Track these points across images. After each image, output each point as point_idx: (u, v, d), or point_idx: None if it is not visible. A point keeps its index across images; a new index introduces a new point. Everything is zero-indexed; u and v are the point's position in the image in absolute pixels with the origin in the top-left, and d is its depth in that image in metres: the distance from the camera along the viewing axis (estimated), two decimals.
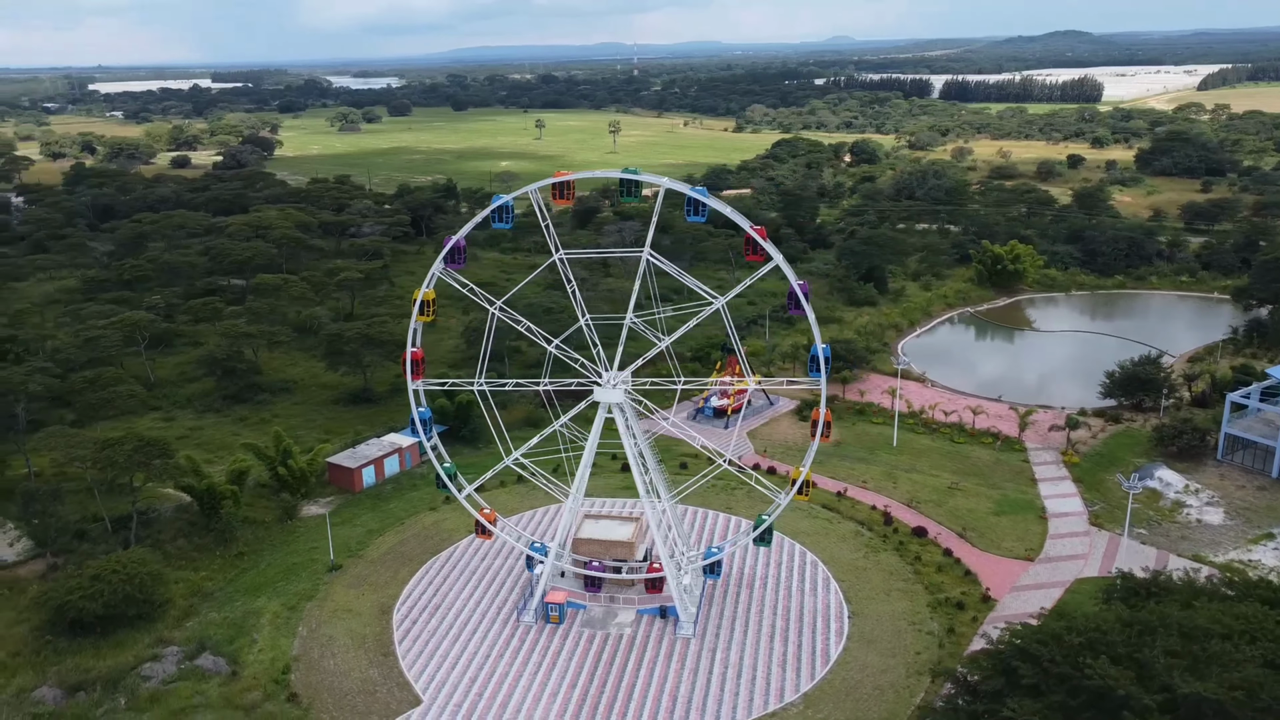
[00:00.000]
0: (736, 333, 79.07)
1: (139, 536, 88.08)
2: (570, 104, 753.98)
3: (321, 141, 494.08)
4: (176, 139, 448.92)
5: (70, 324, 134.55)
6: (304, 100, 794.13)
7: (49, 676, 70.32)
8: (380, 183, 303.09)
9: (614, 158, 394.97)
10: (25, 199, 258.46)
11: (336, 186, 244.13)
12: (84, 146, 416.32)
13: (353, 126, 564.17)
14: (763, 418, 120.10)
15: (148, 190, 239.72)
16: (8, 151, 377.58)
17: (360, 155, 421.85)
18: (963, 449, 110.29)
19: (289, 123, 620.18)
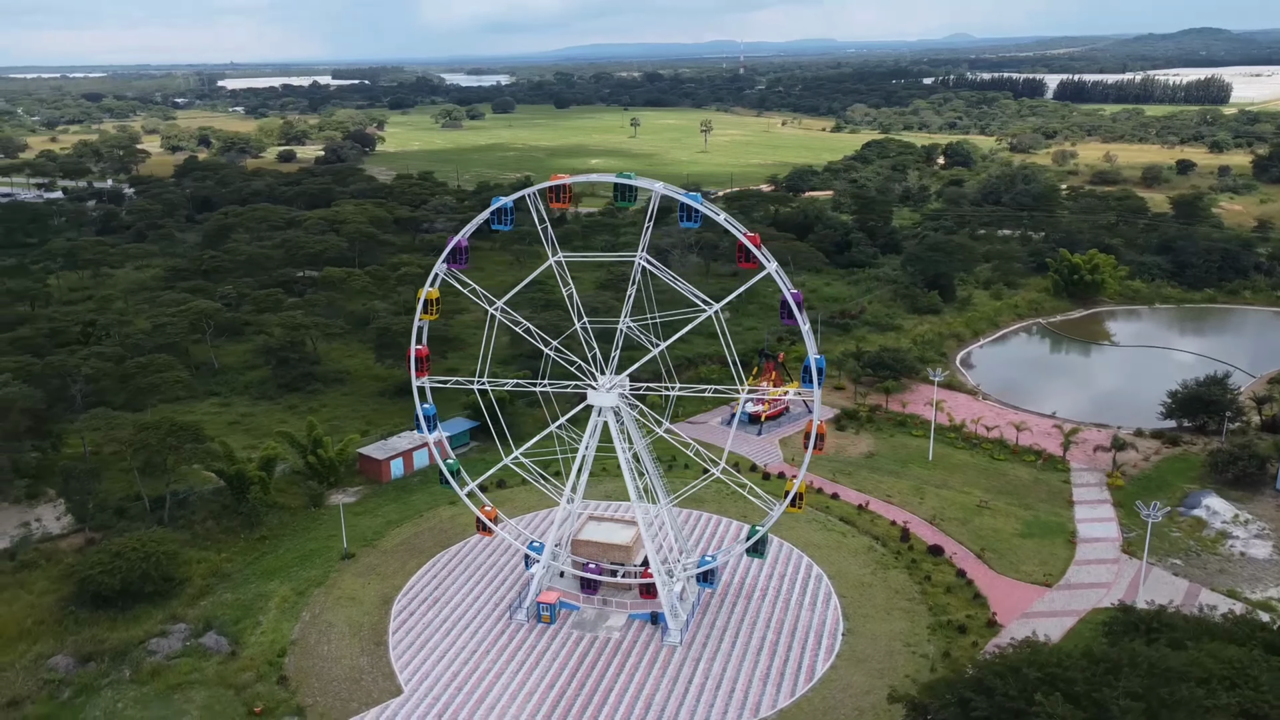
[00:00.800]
0: (731, 339, 77.76)
1: (172, 516, 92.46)
2: (672, 102, 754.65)
3: (423, 138, 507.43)
4: (287, 134, 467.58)
5: (146, 310, 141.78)
6: (414, 97, 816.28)
7: (66, 646, 74.47)
8: (467, 179, 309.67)
9: (703, 157, 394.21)
10: (136, 190, 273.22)
11: (419, 183, 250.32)
12: (200, 140, 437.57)
13: (455, 123, 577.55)
14: (799, 425, 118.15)
15: (244, 184, 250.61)
16: (130, 145, 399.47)
17: (456, 151, 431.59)
18: (1001, 466, 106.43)
19: (396, 119, 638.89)
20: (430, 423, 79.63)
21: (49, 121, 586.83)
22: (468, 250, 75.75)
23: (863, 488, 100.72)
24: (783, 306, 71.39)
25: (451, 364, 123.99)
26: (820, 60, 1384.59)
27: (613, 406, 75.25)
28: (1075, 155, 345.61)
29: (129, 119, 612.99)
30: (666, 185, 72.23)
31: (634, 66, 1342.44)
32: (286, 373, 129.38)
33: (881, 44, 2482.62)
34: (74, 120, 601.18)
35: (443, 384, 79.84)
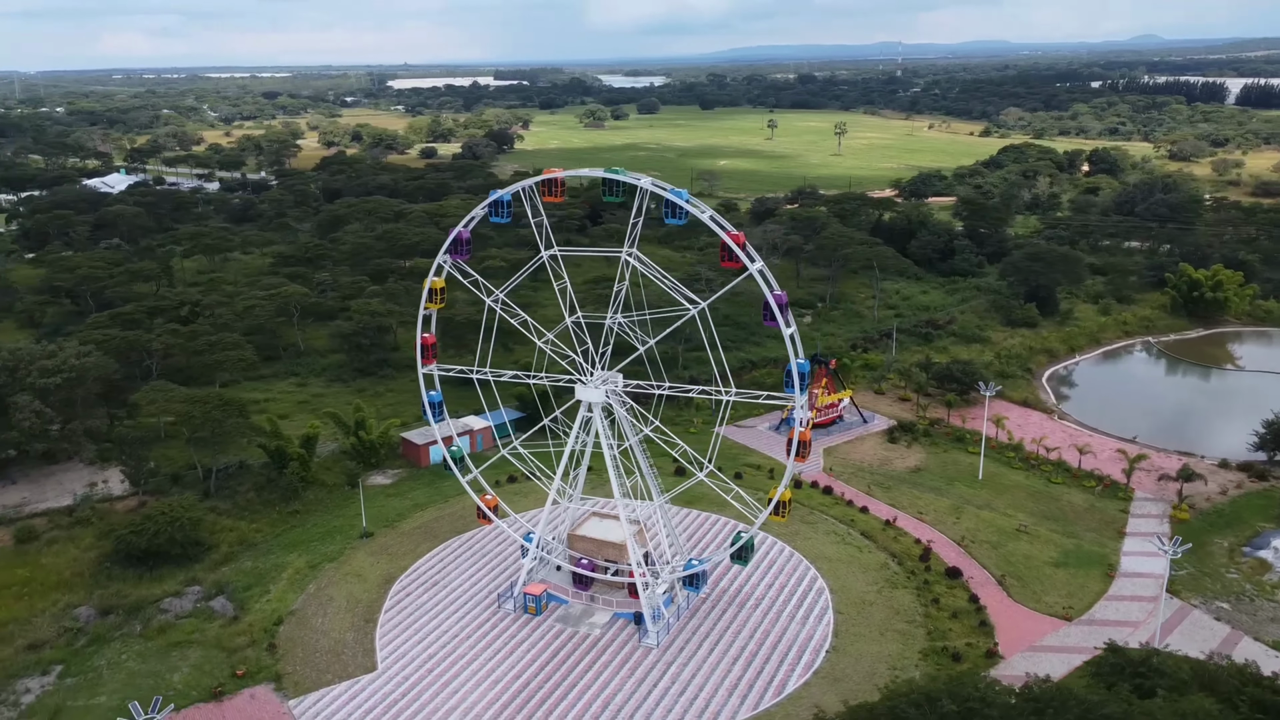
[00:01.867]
0: (719, 340, 76.04)
1: (219, 487, 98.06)
2: (820, 104, 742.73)
3: (563, 137, 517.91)
4: (434, 131, 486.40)
5: (245, 294, 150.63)
6: (565, 97, 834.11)
7: (92, 598, 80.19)
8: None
9: (834, 160, 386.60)
10: (278, 182, 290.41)
11: None
12: (354, 137, 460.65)
13: (598, 123, 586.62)
14: (849, 435, 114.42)
15: (371, 178, 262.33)
16: (289, 140, 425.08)
17: (591, 150, 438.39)
18: (1056, 490, 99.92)
19: (543, 118, 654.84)
20: (436, 409, 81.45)
21: (227, 117, 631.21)
22: (469, 242, 76.85)
23: (897, 503, 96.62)
24: (765, 307, 69.19)
25: (517, 355, 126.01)
26: (988, 63, 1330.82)
27: (600, 402, 74.83)
28: (1241, 165, 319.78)
29: (299, 115, 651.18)
30: (654, 181, 71.46)
31: (790, 69, 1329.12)
32: (362, 358, 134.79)
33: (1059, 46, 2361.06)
34: (249, 116, 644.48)
35: (446, 372, 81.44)
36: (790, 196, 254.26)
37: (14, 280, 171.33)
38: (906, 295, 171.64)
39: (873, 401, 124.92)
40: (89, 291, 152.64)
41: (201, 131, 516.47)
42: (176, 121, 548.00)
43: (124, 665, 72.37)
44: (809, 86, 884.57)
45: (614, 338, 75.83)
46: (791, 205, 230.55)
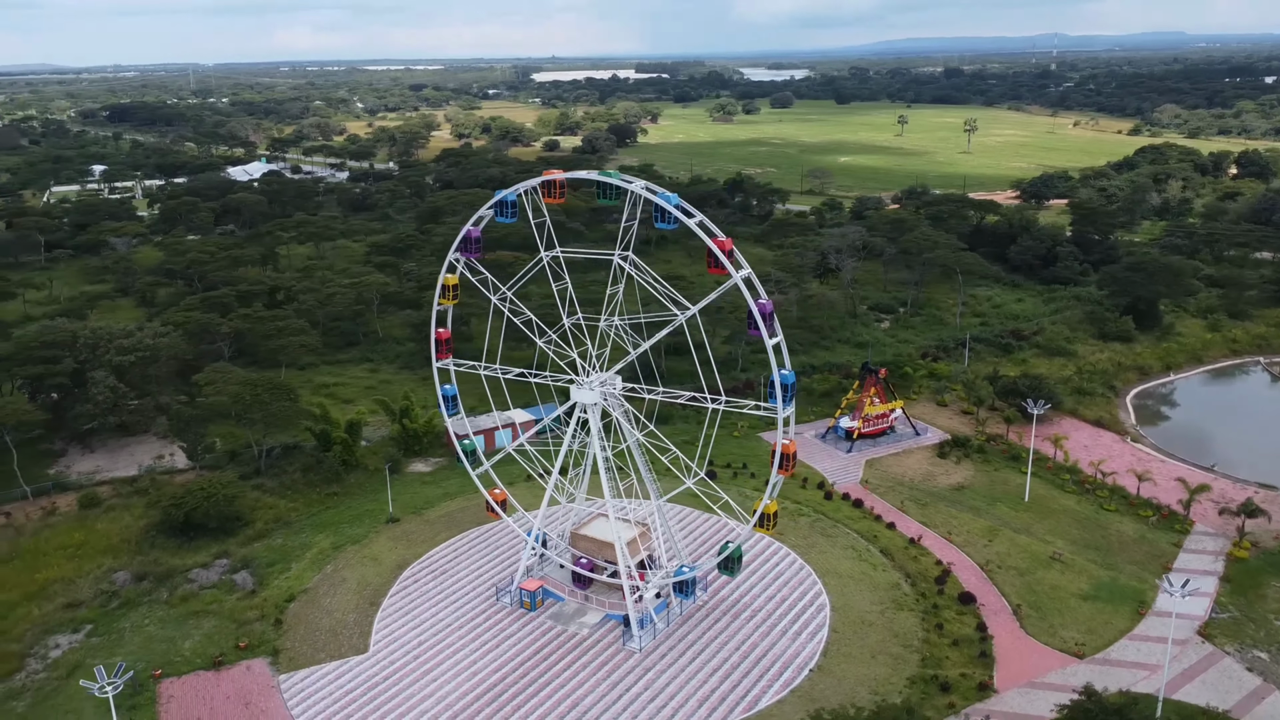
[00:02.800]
0: (709, 348, 75.02)
1: (269, 465, 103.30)
2: (962, 99, 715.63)
3: (689, 130, 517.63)
4: (561, 124, 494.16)
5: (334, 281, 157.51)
6: (701, 91, 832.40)
7: (132, 564, 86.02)
8: (687, 171, 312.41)
9: (962, 158, 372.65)
10: (400, 173, 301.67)
11: (636, 174, 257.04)
12: (484, 129, 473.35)
13: (726, 117, 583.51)
14: (898, 447, 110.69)
15: (481, 170, 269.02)
16: (421, 132, 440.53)
17: (713, 145, 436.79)
18: (1107, 518, 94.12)
19: (674, 111, 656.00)
20: (450, 403, 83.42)
21: (372, 109, 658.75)
22: (479, 240, 78.11)
23: (929, 521, 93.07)
24: (749, 316, 67.85)
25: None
26: (1156, 56, 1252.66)
27: (594, 403, 75.06)
28: None
29: (440, 108, 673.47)
30: (648, 185, 71.06)
31: (939, 62, 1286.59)
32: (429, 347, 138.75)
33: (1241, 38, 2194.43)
34: (394, 108, 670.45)
35: (458, 367, 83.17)
36: (899, 196, 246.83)
37: (138, 261, 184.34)
38: (998, 303, 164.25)
39: (932, 413, 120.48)
40: (196, 274, 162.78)
41: (346, 123, 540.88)
42: (323, 113, 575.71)
43: (145, 629, 77.36)
44: (954, 81, 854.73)
45: (611, 340, 75.64)
46: (895, 206, 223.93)
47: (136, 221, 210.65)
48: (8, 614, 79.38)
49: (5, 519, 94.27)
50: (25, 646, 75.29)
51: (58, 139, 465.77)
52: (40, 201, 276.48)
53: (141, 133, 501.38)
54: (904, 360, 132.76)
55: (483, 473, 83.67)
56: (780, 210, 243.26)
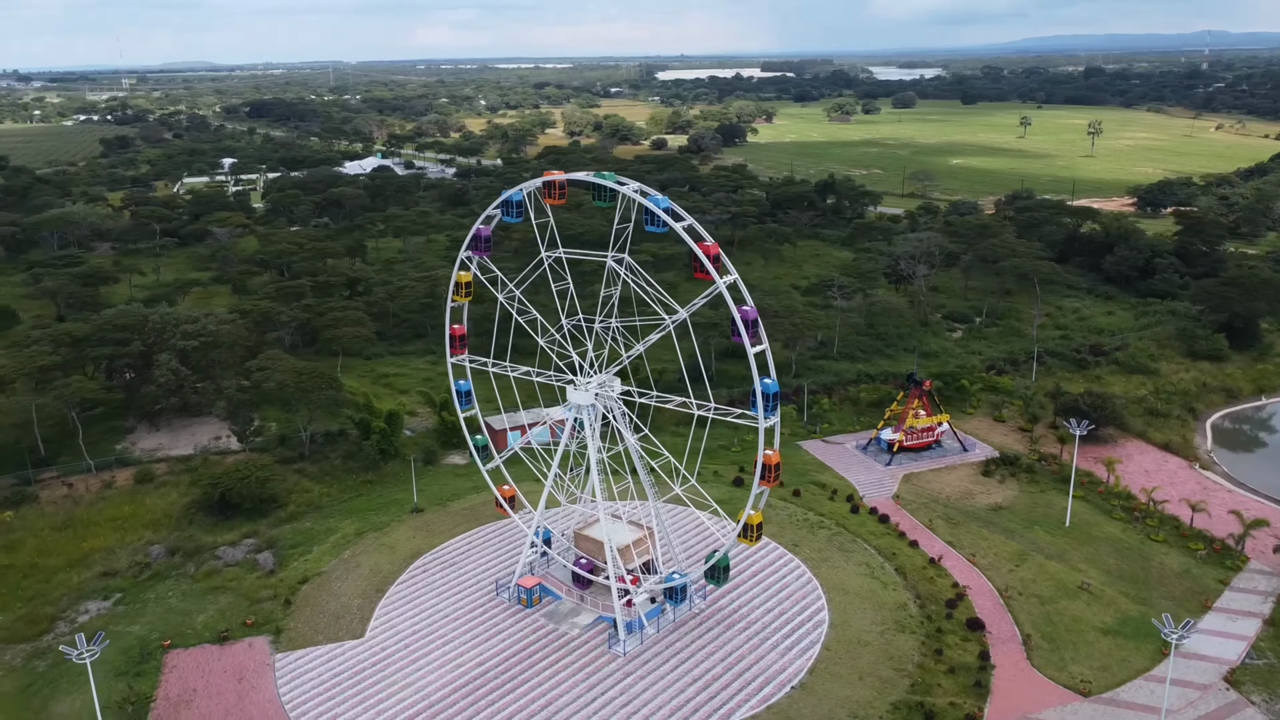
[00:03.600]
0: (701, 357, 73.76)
1: (312, 451, 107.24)
2: (1099, 100, 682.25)
3: (801, 130, 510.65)
4: (673, 123, 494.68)
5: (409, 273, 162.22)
6: (823, 90, 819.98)
7: (168, 539, 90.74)
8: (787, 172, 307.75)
9: (1084, 161, 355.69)
10: (500, 170, 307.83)
11: (728, 174, 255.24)
12: (595, 126, 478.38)
13: (843, 117, 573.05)
14: (941, 462, 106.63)
15: (575, 168, 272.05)
16: (531, 129, 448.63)
17: (823, 145, 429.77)
18: (1152, 549, 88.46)
19: (791, 111, 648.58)
20: (464, 398, 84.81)
21: (493, 106, 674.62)
22: (489, 239, 79.05)
23: (956, 541, 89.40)
24: (732, 323, 66.54)
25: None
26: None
27: (588, 405, 75.00)
28: None
29: (560, 105, 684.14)
30: (642, 187, 70.46)
31: (1082, 60, 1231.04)
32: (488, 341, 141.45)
33: None
34: (514, 105, 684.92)
35: (469, 363, 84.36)
36: (1002, 201, 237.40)
37: (237, 251, 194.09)
38: (1084, 316, 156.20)
39: (987, 429, 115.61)
40: (285, 264, 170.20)
41: (466, 120, 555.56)
42: (445, 110, 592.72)
43: (166, 601, 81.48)
44: (1092, 81, 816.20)
45: (608, 342, 75.41)
46: (990, 211, 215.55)
47: (240, 213, 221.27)
48: (50, 578, 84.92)
49: (68, 489, 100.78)
50: (58, 610, 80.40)
51: (199, 133, 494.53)
52: (170, 192, 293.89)
53: (275, 128, 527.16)
54: (965, 372, 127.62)
55: (493, 469, 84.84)
56: (873, 213, 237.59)
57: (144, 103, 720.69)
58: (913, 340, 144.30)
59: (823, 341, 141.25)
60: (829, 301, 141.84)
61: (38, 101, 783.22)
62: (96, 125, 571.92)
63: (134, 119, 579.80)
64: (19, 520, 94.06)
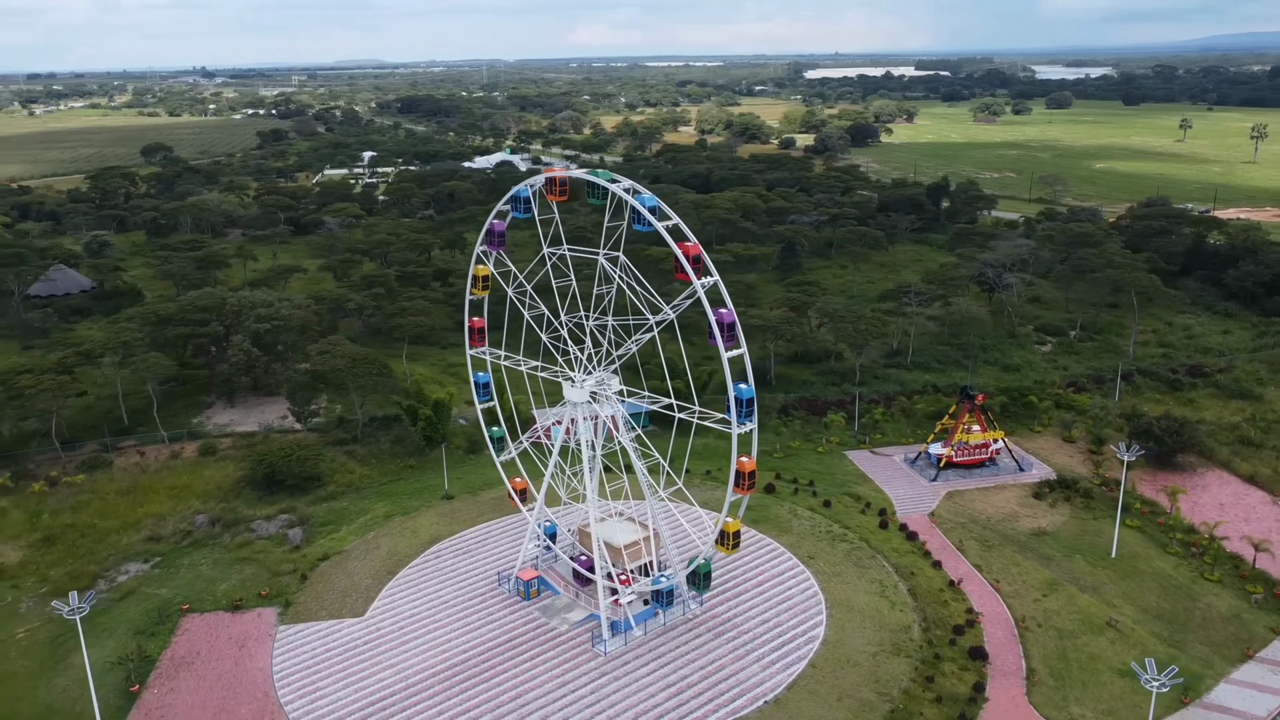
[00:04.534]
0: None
1: (365, 433, 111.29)
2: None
3: (941, 131, 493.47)
4: (807, 122, 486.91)
5: None
6: (976, 89, 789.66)
7: (214, 510, 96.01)
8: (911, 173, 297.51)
9: (1246, 168, 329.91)
10: (621, 166, 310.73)
11: (838, 175, 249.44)
12: (726, 125, 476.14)
13: (990, 118, 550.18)
14: (991, 481, 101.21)
15: (687, 166, 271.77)
16: (659, 127, 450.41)
17: (961, 146, 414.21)
18: (1203, 588, 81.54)
19: (936, 110, 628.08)
20: (482, 390, 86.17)
21: (632, 104, 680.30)
22: (502, 234, 79.88)
23: (985, 565, 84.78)
24: (709, 326, 65.11)
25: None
26: None
27: (583, 402, 74.90)
28: None
29: (700, 103, 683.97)
30: (634, 185, 69.80)
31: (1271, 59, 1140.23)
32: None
33: None
34: (653, 103, 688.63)
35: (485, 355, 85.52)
36: (1139, 206, 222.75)
37: (346, 240, 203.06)
38: (1195, 334, 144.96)
39: (1053, 449, 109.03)
40: (384, 254, 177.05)
41: (603, 117, 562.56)
42: (581, 107, 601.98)
43: (197, 568, 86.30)
44: (1276, 82, 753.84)
45: (606, 340, 75.01)
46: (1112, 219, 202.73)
47: (356, 204, 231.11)
48: (103, 539, 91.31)
49: (140, 457, 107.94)
50: (101, 569, 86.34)
51: (349, 127, 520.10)
52: (308, 183, 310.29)
53: (420, 123, 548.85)
54: (1037, 388, 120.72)
55: (507, 461, 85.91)
56: (987, 218, 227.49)
57: (307, 98, 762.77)
58: (996, 353, 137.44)
59: (897, 349, 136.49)
60: (904, 308, 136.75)
61: (215, 96, 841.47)
62: (261, 119, 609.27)
63: (294, 113, 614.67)
64: (89, 483, 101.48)
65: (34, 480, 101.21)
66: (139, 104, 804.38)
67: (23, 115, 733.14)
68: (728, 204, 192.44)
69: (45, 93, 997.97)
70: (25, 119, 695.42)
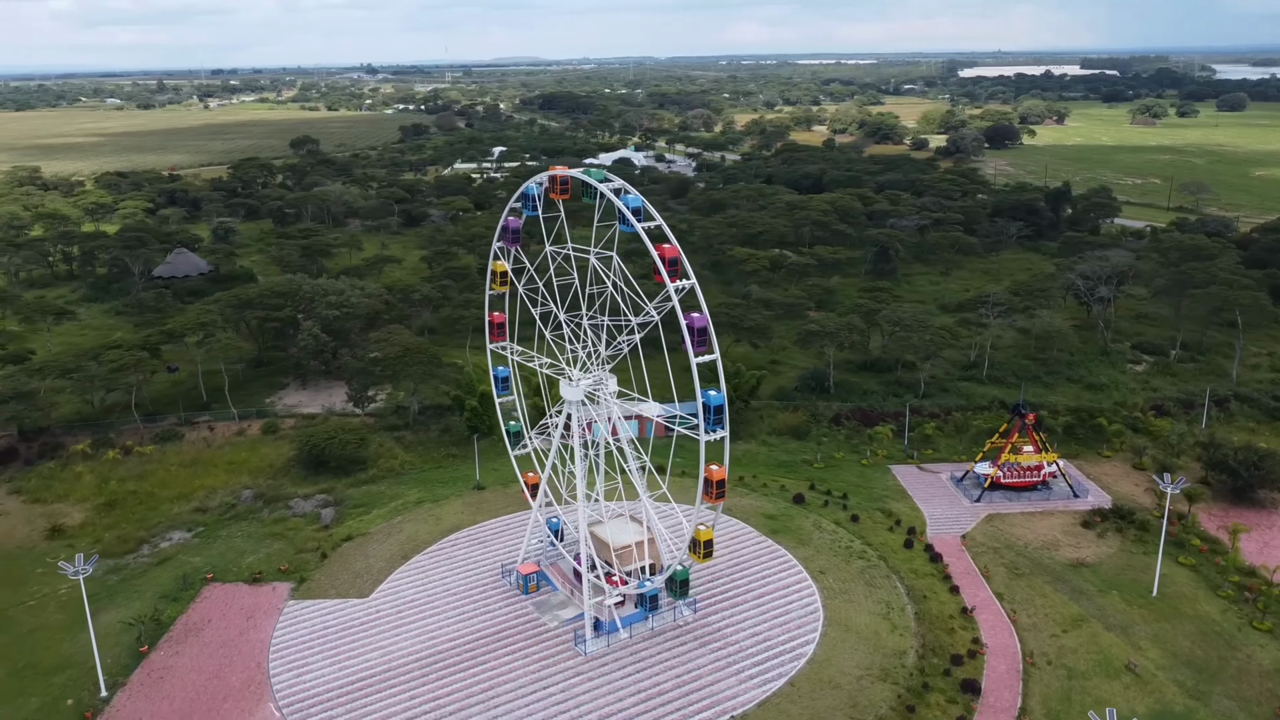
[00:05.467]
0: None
1: (417, 420, 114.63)
2: None
3: (1093, 133, 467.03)
4: (946, 122, 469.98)
5: None
6: (1142, 89, 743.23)
7: (261, 486, 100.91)
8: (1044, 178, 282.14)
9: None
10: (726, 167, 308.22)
11: (952, 177, 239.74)
12: (859, 124, 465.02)
13: (1148, 120, 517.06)
14: (1039, 506, 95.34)
15: (799, 166, 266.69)
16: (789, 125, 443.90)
17: (1108, 150, 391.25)
18: (1248, 636, 74.75)
19: (1092, 111, 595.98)
20: (501, 384, 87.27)
21: (770, 102, 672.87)
22: (516, 231, 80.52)
23: (1007, 594, 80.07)
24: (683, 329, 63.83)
25: None
26: None
27: (576, 401, 74.80)
28: None
29: (841, 102, 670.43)
30: (624, 185, 69.21)
31: None
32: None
33: None
34: (793, 102, 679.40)
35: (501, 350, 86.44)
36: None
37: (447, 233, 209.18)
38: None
39: (1119, 476, 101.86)
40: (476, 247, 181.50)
41: (739, 115, 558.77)
42: (719, 104, 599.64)
43: (231, 540, 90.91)
44: None
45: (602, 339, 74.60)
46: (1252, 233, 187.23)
47: (464, 197, 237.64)
48: (157, 507, 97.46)
49: (209, 432, 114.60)
50: (149, 534, 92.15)
51: (487, 123, 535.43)
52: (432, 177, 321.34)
53: (558, 119, 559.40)
54: (1116, 410, 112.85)
55: (522, 456, 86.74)
56: (1113, 226, 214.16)
57: (456, 95, 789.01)
58: (1082, 370, 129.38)
59: (975, 361, 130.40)
60: (981, 318, 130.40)
61: (372, 92, 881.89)
62: (409, 114, 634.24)
63: (440, 109, 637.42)
64: (158, 454, 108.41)
65: (111, 448, 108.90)
66: (303, 99, 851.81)
67: (198, 108, 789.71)
68: (823, 205, 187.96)
69: (222, 87, 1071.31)
70: (199, 112, 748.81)
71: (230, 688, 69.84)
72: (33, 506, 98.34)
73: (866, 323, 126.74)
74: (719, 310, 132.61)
